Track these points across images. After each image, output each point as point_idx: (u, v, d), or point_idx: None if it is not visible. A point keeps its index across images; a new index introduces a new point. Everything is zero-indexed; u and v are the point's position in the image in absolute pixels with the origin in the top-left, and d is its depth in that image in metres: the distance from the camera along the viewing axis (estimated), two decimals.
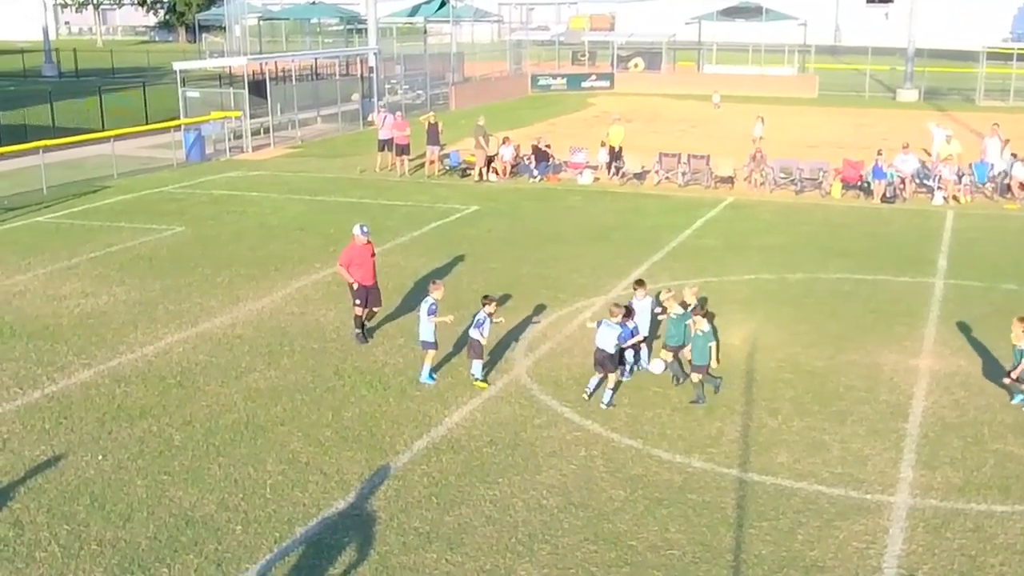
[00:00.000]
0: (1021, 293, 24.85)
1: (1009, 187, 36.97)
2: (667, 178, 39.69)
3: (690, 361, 18.21)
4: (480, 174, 40.06)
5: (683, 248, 29.55)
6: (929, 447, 16.47)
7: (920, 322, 22.51)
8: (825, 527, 14.06)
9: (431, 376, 18.83)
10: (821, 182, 38.09)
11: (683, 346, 18.47)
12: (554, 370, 19.62)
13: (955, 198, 36.47)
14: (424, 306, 18.93)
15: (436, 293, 18.97)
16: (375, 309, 21.50)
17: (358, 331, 21.12)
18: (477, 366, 18.71)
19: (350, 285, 21.13)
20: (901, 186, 37.00)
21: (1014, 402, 17.91)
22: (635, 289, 19.77)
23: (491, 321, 18.74)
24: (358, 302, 21.02)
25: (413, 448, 16.34)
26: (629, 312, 18.71)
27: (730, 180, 39.00)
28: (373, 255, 21.54)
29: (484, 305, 18.68)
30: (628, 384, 18.79)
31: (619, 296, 24.36)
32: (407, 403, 18.02)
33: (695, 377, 18.02)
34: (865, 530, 13.99)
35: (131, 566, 12.92)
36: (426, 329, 18.84)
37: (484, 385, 18.59)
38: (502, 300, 21.84)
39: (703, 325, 18.13)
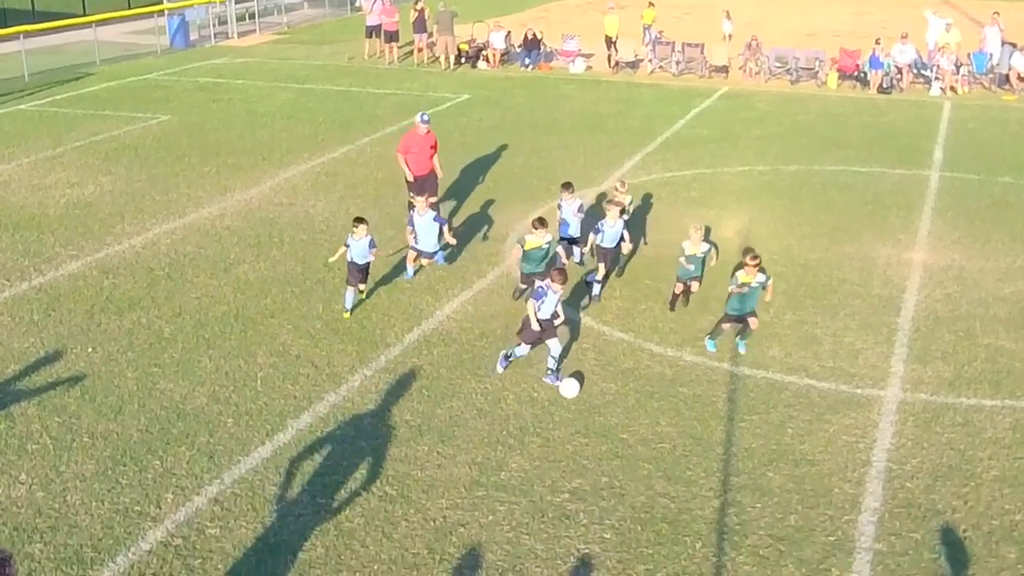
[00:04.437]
0: (1017, 186, 24.67)
1: (1007, 78, 36.54)
2: (661, 67, 39.17)
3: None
4: (446, 61, 39.49)
5: (677, 138, 29.25)
6: (921, 341, 16.44)
7: (915, 215, 22.36)
8: (815, 421, 14.08)
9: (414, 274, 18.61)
10: (817, 72, 37.63)
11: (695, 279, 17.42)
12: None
13: (952, 89, 36.07)
14: (426, 217, 18.25)
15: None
16: (432, 199, 20.35)
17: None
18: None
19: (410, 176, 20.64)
20: (898, 76, 36.56)
21: None
22: (562, 192, 18.87)
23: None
24: (413, 194, 20.43)
25: (404, 341, 16.27)
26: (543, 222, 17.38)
27: (725, 69, 38.53)
28: (434, 147, 20.87)
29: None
30: (620, 279, 18.67)
31: (610, 188, 24.18)
32: (398, 295, 17.91)
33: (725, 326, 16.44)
34: (855, 424, 14.01)
35: (123, 458, 12.90)
36: (428, 240, 18.31)
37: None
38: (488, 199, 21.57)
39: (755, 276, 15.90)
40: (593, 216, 19.66)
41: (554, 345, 14.93)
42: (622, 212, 18.33)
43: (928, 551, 11.36)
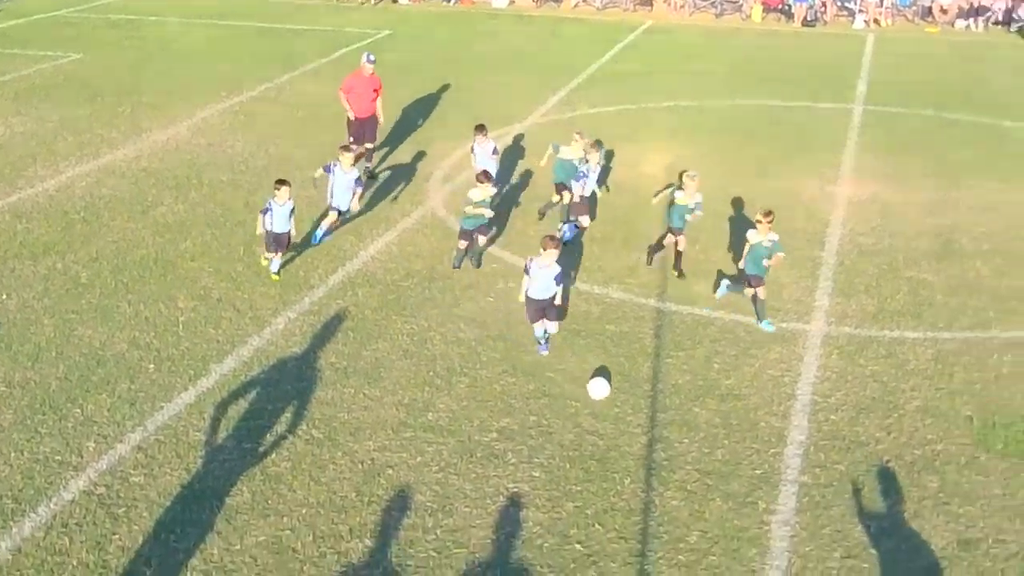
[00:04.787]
0: (939, 119, 24.90)
1: (930, 10, 36.78)
2: (585, 0, 38.84)
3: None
4: None
5: (602, 74, 29.08)
6: (844, 275, 16.56)
7: (839, 148, 22.47)
8: (741, 356, 14.14)
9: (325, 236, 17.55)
10: (741, 5, 37.57)
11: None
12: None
13: (876, 21, 36.23)
14: (349, 176, 17.21)
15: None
16: (368, 145, 20.40)
17: (368, 165, 20.33)
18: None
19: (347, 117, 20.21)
20: (822, 9, 36.67)
21: None
22: (475, 135, 18.31)
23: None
24: (352, 138, 20.06)
25: (328, 282, 16.04)
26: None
27: (649, 3, 38.31)
28: (377, 90, 20.41)
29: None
30: (541, 220, 18.57)
31: (536, 124, 24.05)
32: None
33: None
34: (780, 358, 14.09)
35: (42, 407, 12.59)
36: (344, 197, 17.27)
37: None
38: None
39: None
40: (510, 157, 19.49)
41: (552, 327, 14.11)
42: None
43: (852, 482, 11.48)
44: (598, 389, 13.05)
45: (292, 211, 16.05)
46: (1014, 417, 12.67)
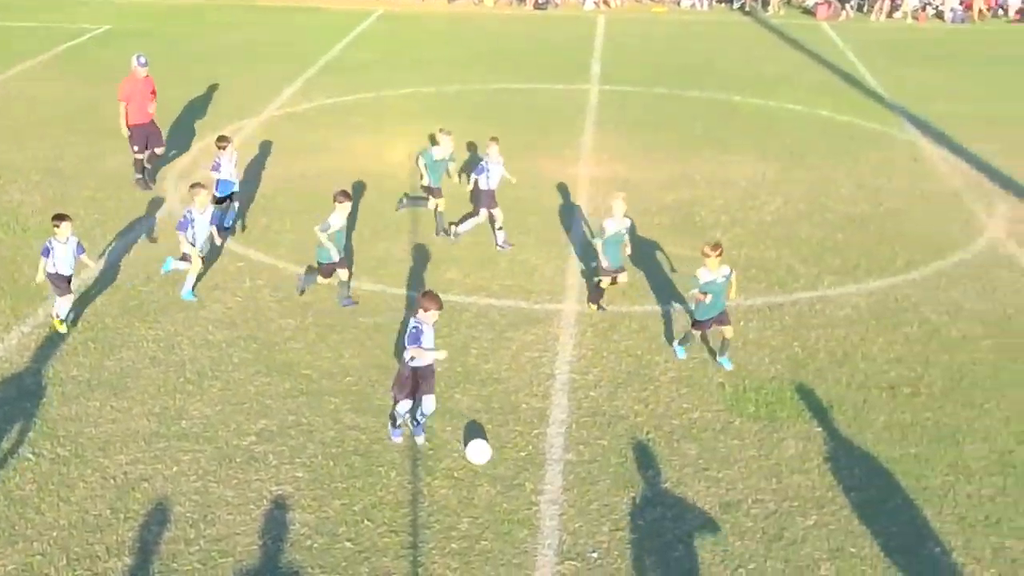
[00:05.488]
0: (672, 96, 25.72)
1: None
2: None
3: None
4: None
5: (337, 63, 28.72)
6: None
7: (577, 129, 22.88)
8: (498, 339, 14.15)
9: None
10: None
11: None
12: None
13: (605, 2, 37.12)
14: (206, 215, 15.18)
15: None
16: (157, 151, 19.28)
17: (139, 176, 19.12)
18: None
19: (127, 127, 18.91)
20: None
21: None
22: (218, 145, 17.13)
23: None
24: (136, 148, 18.89)
25: None
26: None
27: None
28: (153, 92, 19.30)
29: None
30: (289, 208, 18.14)
31: (272, 116, 23.56)
32: None
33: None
34: (536, 339, 14.18)
35: None
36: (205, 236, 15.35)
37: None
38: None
39: None
40: (248, 152, 18.92)
41: (428, 403, 11.78)
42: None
43: (615, 456, 11.65)
44: (478, 453, 11.56)
45: (79, 248, 14.03)
46: (762, 380, 13.16)
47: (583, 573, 9.96)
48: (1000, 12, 38.16)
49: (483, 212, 17.05)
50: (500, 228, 17.03)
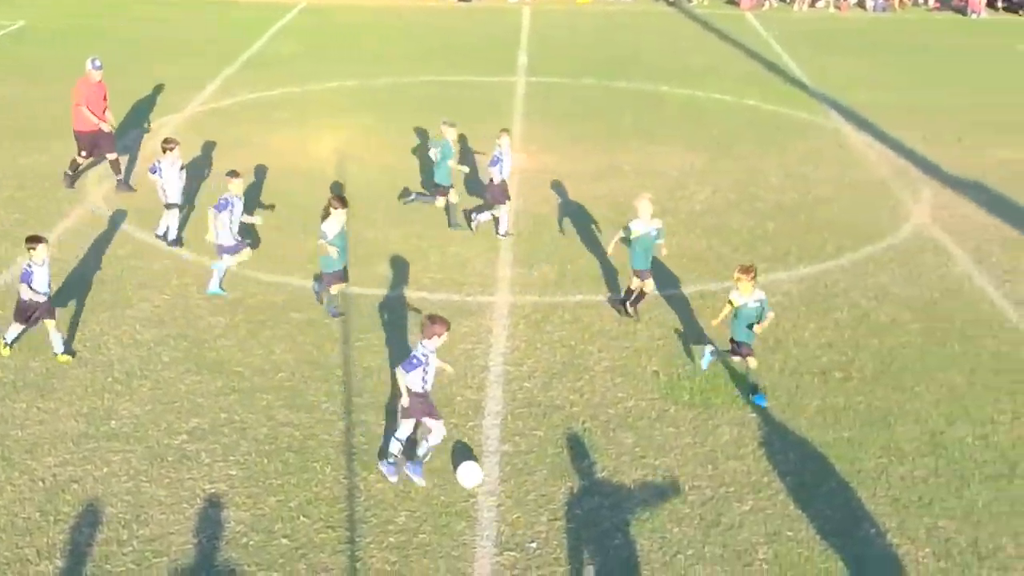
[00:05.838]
0: (599, 87, 25.77)
1: None
2: None
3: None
4: None
5: (260, 57, 28.41)
6: (524, 245, 16.80)
7: (506, 121, 22.72)
8: None
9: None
10: None
11: None
12: (133, 196, 18.36)
13: None
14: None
15: None
16: (110, 156, 18.76)
17: (70, 173, 18.72)
18: None
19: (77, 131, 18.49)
20: None
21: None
22: (164, 148, 16.55)
23: None
24: (84, 152, 18.50)
25: None
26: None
27: None
28: (106, 97, 18.85)
29: None
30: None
31: (197, 112, 23.22)
32: None
33: None
34: (470, 331, 14.12)
35: None
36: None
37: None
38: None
39: None
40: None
41: (437, 430, 11.14)
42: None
43: (552, 446, 11.63)
44: (469, 475, 11.06)
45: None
46: (696, 368, 13.20)
47: (522, 563, 9.93)
48: (921, 1, 38.76)
49: (507, 203, 17.00)
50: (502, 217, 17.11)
